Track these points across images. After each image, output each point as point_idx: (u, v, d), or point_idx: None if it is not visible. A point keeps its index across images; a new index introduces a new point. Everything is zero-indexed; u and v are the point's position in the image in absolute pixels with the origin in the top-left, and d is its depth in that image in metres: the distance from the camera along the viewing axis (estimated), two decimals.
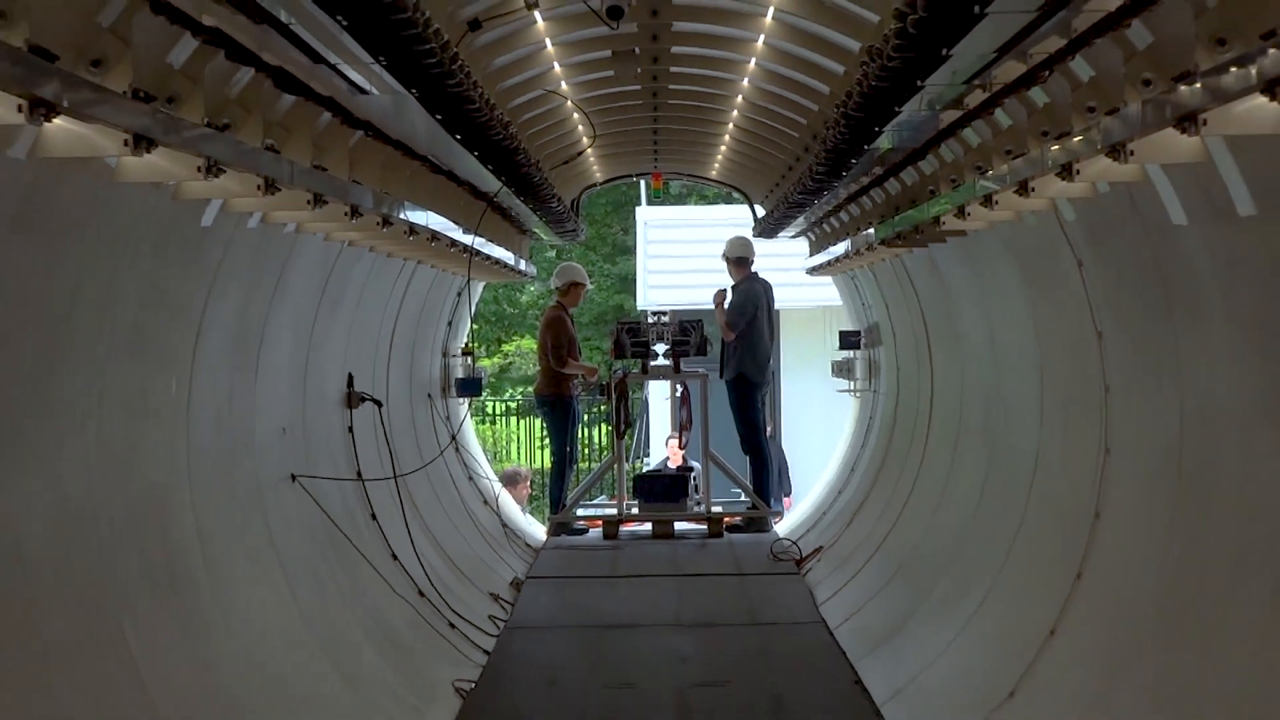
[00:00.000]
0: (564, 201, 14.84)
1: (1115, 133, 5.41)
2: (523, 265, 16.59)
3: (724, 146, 14.45)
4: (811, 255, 16.35)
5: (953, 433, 12.01)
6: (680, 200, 31.72)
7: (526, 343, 33.19)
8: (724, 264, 16.77)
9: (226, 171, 5.75)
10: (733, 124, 13.00)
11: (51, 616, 5.87)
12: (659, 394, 22.69)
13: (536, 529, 16.84)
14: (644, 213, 27.93)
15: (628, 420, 16.74)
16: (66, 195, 5.73)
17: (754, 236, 16.98)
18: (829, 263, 15.04)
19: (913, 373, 14.08)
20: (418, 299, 14.25)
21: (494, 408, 30.11)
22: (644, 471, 17.50)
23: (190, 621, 7.24)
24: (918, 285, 13.23)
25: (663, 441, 20.40)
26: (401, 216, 9.08)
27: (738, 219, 19.47)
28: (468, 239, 11.80)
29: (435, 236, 10.42)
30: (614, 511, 16.10)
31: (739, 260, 16.57)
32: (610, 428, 16.98)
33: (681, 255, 24.84)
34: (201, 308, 7.86)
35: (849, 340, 17.55)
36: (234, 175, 5.90)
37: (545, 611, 12.22)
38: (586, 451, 23.38)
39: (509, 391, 32.95)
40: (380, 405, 12.06)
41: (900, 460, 13.73)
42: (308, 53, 5.47)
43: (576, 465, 18.15)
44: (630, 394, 16.88)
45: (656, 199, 28.96)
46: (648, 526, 15.86)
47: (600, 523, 15.95)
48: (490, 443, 27.27)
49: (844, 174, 9.95)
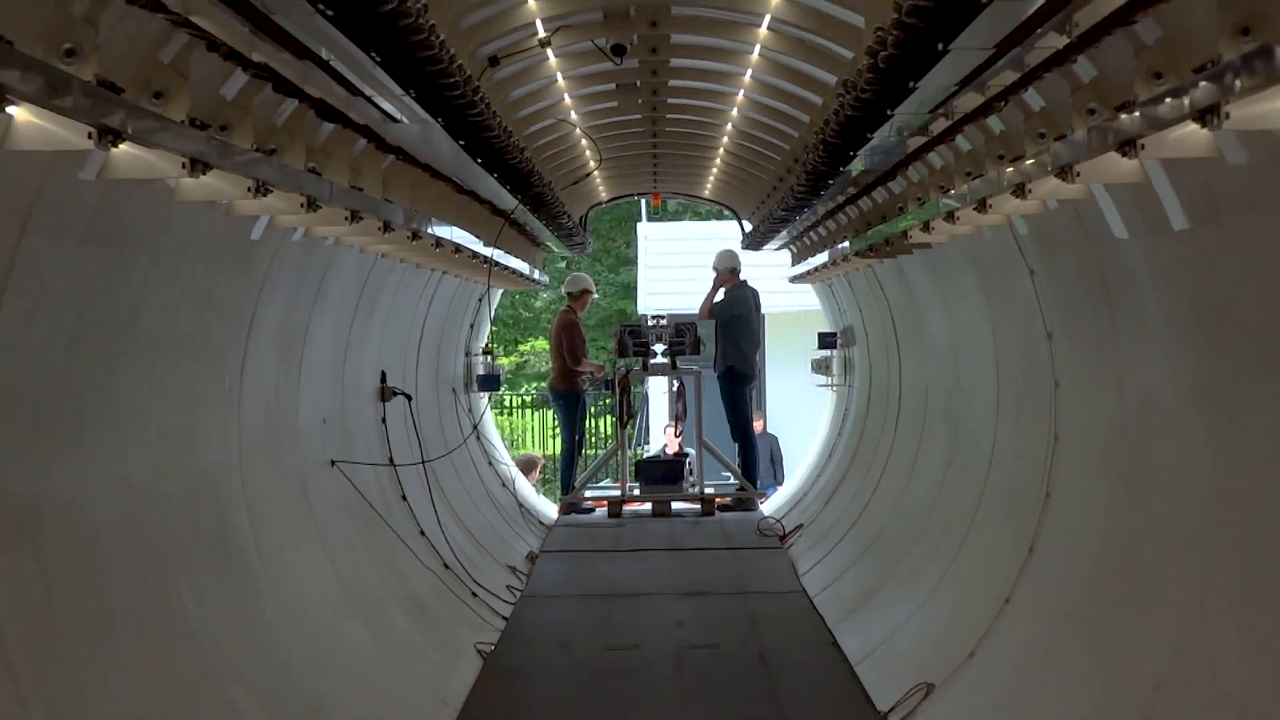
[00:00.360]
0: (573, 218, 14.85)
1: (1063, 156, 5.41)
2: (536, 274, 16.61)
3: (715, 168, 14.45)
4: (793, 265, 16.34)
5: (918, 423, 12.01)
6: (677, 216, 31.68)
7: (540, 343, 33.12)
8: (715, 274, 16.81)
9: (273, 191, 5.75)
10: (723, 148, 13.00)
11: (118, 583, 5.88)
12: (658, 388, 22.70)
13: (549, 508, 16.84)
14: (644, 228, 27.97)
15: (630, 411, 16.76)
16: (131, 212, 5.73)
17: (742, 249, 17.00)
18: (809, 272, 15.03)
19: (883, 369, 14.09)
20: (443, 304, 14.25)
21: (511, 401, 30.07)
22: (644, 457, 17.47)
23: (240, 588, 7.25)
24: (887, 292, 13.22)
25: (661, 430, 20.42)
26: (429, 231, 9.09)
27: (728, 233, 19.46)
28: (487, 251, 11.80)
29: (458, 249, 10.42)
30: (618, 493, 16.11)
31: (728, 270, 16.61)
32: (614, 418, 16.96)
33: (677, 265, 24.85)
34: (251, 311, 7.86)
35: (827, 341, 17.56)
36: (280, 194, 5.90)
37: (557, 582, 12.23)
38: (593, 440, 23.34)
39: (524, 386, 32.91)
40: (410, 399, 12.05)
41: (872, 447, 13.73)
42: (346, 86, 5.47)
43: (585, 452, 18.13)
44: (632, 388, 16.85)
45: (655, 215, 28.96)
46: (648, 506, 15.87)
47: (606, 503, 15.96)
48: (507, 432, 27.24)
49: (822, 193, 9.94)
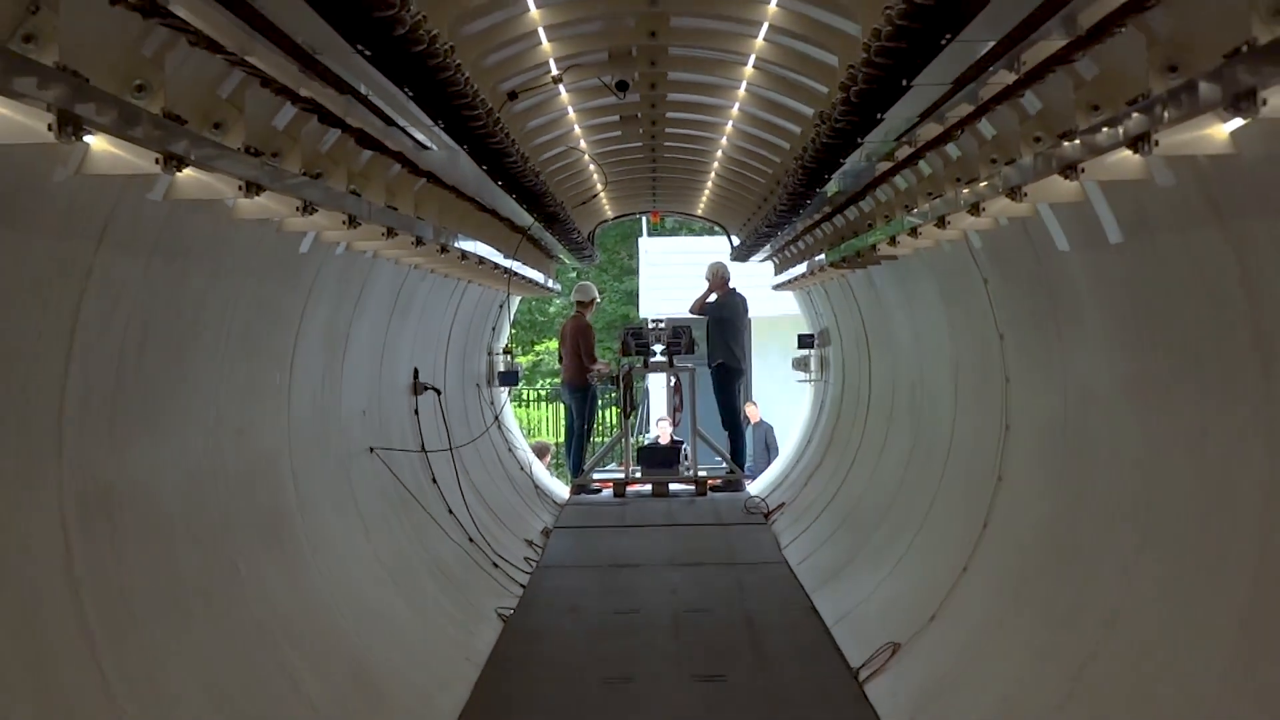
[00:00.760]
0: (582, 233, 14.86)
1: (1012, 179, 5.42)
2: (550, 283, 16.62)
3: (707, 189, 14.45)
4: (776, 275, 16.35)
5: (886, 414, 12.02)
6: (673, 232, 31.64)
7: (553, 344, 33.11)
8: (708, 282, 16.86)
9: (319, 210, 5.77)
10: (714, 171, 13.01)
11: (183, 556, 5.90)
12: (657, 383, 22.69)
13: (561, 489, 16.85)
14: (645, 242, 27.95)
15: (633, 404, 16.76)
16: (194, 229, 5.74)
17: (731, 260, 17.01)
18: (790, 281, 15.04)
19: (855, 367, 14.09)
20: (468, 309, 14.26)
21: (527, 394, 30.07)
22: (645, 444, 17.47)
23: (290, 560, 7.26)
24: (859, 298, 13.23)
25: (655, 422, 20.43)
26: (455, 245, 9.10)
27: (718, 247, 19.46)
28: (507, 263, 11.81)
29: (481, 261, 10.44)
30: (622, 475, 16.12)
31: (719, 279, 16.67)
32: (619, 410, 16.97)
33: (674, 275, 24.81)
34: (299, 316, 7.87)
35: (805, 341, 17.56)
36: (325, 213, 5.92)
37: (568, 553, 12.24)
38: (600, 429, 23.32)
39: (539, 382, 32.89)
40: (439, 393, 12.07)
41: (845, 436, 13.73)
42: (382, 117, 5.48)
43: (593, 439, 18.14)
44: (634, 383, 16.86)
45: (655, 231, 28.92)
46: (648, 487, 15.87)
47: (611, 484, 15.97)
48: (524, 422, 27.23)
49: (801, 211, 9.95)
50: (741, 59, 8.24)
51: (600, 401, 18.05)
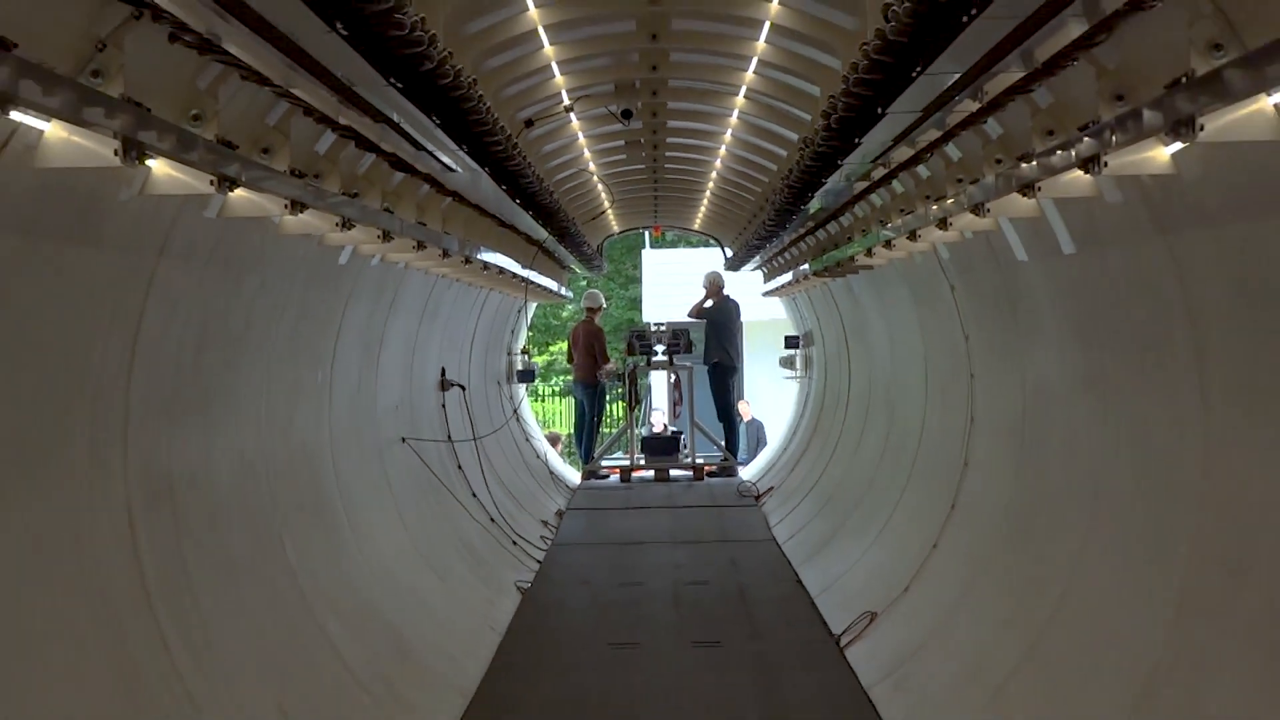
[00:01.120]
0: (591, 245, 14.87)
1: (976, 196, 5.42)
2: (563, 291, 16.62)
3: (703, 206, 14.46)
4: (765, 283, 16.35)
5: (864, 407, 12.02)
6: (673, 245, 31.59)
7: (566, 345, 33.08)
8: (703, 290, 16.88)
9: (356, 226, 5.78)
10: (709, 190, 13.01)
11: (235, 535, 5.91)
12: (659, 380, 22.68)
13: (573, 474, 16.86)
14: (648, 254, 27.95)
15: (637, 398, 16.78)
16: (245, 242, 5.76)
17: (725, 270, 17.01)
18: (778, 288, 15.04)
19: (836, 365, 14.09)
20: (490, 314, 14.27)
21: (542, 390, 30.05)
22: (648, 434, 17.48)
23: (331, 539, 7.27)
24: (839, 303, 13.23)
25: (656, 415, 20.42)
26: (478, 257, 9.11)
27: (714, 258, 19.46)
28: (524, 272, 11.82)
29: (501, 271, 10.44)
30: (628, 462, 16.12)
31: (715, 286, 16.68)
32: (625, 404, 16.98)
33: (674, 284, 24.80)
34: (339, 320, 7.88)
35: (791, 342, 17.56)
36: (361, 229, 5.92)
37: (580, 532, 12.25)
38: (608, 421, 23.32)
39: (553, 379, 32.87)
40: (464, 389, 12.08)
41: (827, 427, 13.74)
42: (412, 143, 5.49)
43: (601, 430, 18.15)
44: (639, 380, 16.87)
45: (656, 244, 28.90)
46: (651, 473, 15.88)
47: (618, 470, 15.98)
48: (540, 415, 27.21)
49: (788, 226, 9.95)
50: (734, 90, 8.25)
51: (608, 396, 18.05)
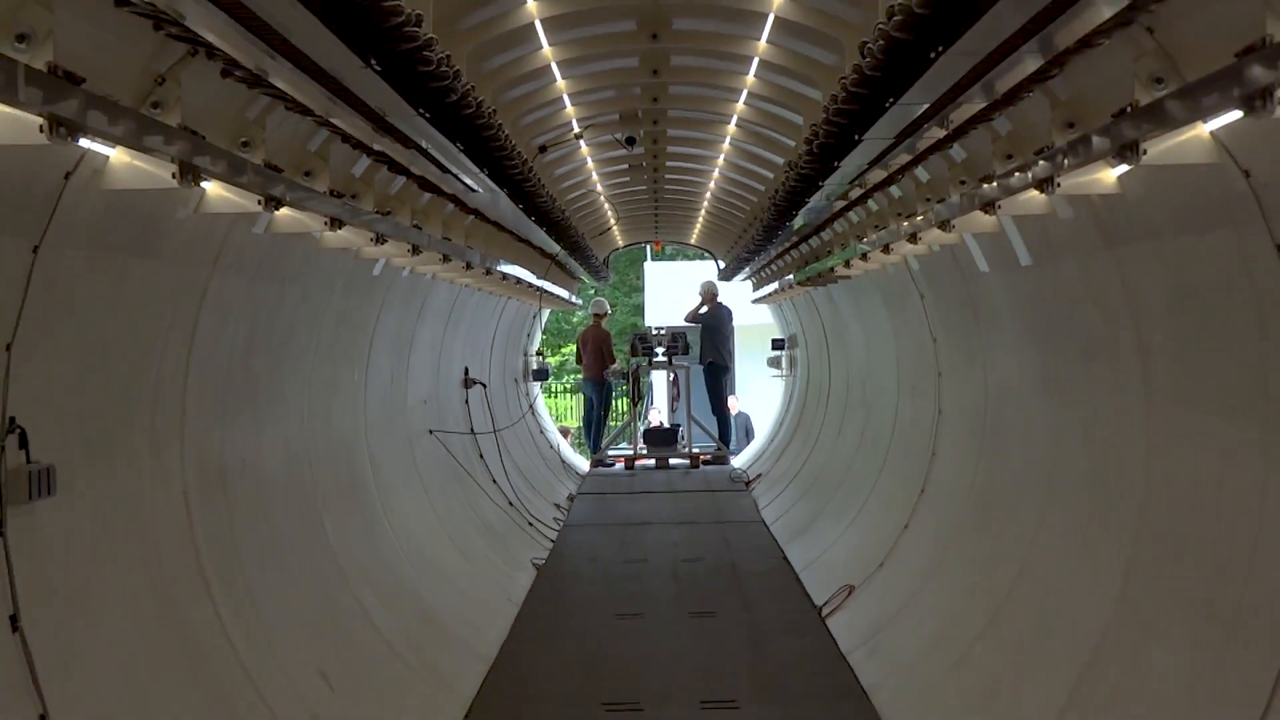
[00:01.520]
0: (599, 258, 14.87)
1: (942, 214, 5.42)
2: (573, 298, 16.65)
3: (699, 223, 14.47)
4: (754, 291, 16.35)
5: (842, 402, 12.02)
6: (672, 257, 31.57)
7: (576, 347, 33.04)
8: (699, 297, 16.87)
9: (389, 241, 5.79)
10: (704, 209, 13.02)
11: (281, 517, 5.92)
12: (659, 379, 22.68)
13: (582, 463, 16.87)
14: (649, 265, 27.90)
15: (639, 395, 16.77)
16: (289, 255, 5.76)
17: (718, 280, 17.01)
18: (765, 296, 15.04)
19: (818, 364, 14.09)
20: (508, 319, 14.28)
21: (555, 388, 30.04)
22: (650, 427, 17.47)
23: (366, 521, 7.28)
24: (820, 310, 13.23)
25: (652, 411, 20.43)
26: (497, 269, 9.11)
27: (709, 269, 19.45)
28: (539, 282, 11.83)
29: (518, 280, 10.45)
30: (631, 452, 16.11)
31: (709, 294, 16.68)
32: (629, 399, 16.97)
33: (673, 292, 24.77)
34: (373, 326, 7.89)
35: (778, 344, 17.55)
36: (393, 243, 5.94)
37: (588, 514, 12.24)
38: (614, 415, 23.33)
39: (565, 377, 32.87)
40: (485, 386, 12.08)
41: (810, 420, 13.74)
42: (439, 166, 5.50)
43: (607, 423, 18.15)
44: (641, 378, 16.87)
45: (657, 257, 28.89)
46: (653, 461, 15.87)
47: (623, 459, 15.96)
48: (552, 410, 27.20)
49: (774, 240, 9.95)
50: (726, 119, 8.26)
51: (614, 393, 18.05)
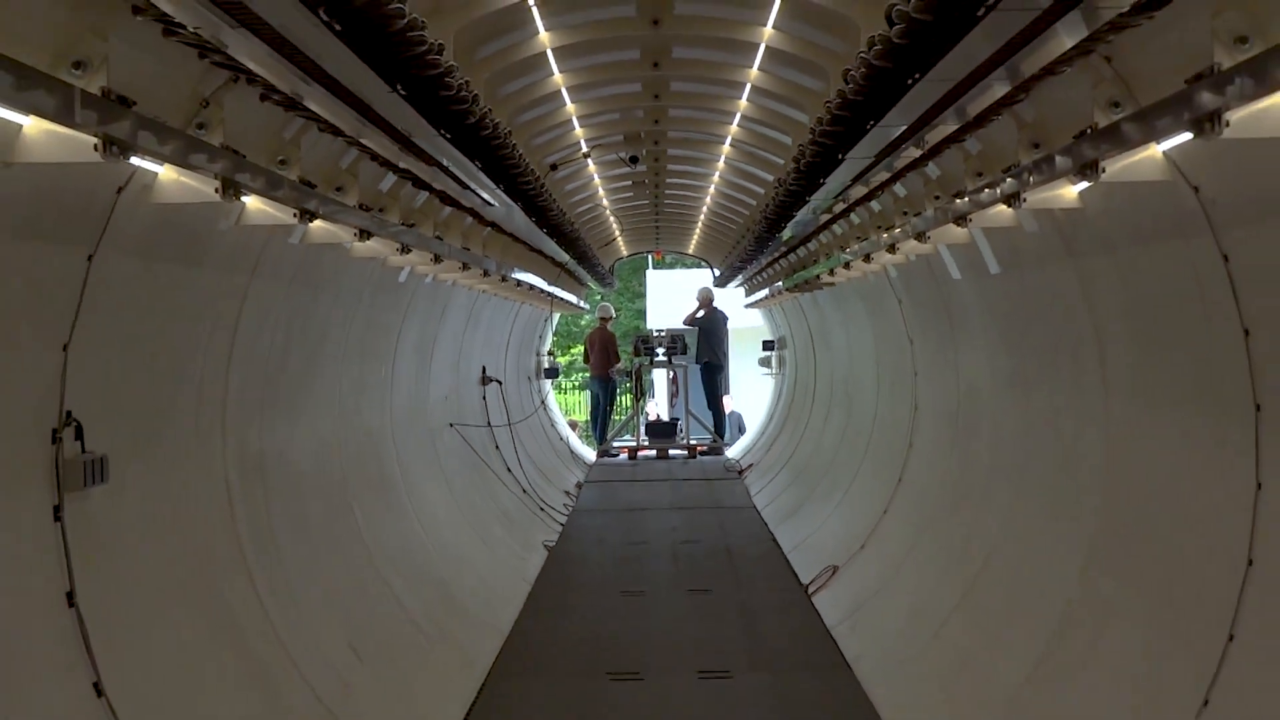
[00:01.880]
0: (605, 266, 14.85)
1: (919, 226, 5.42)
2: (582, 303, 16.63)
3: (696, 234, 14.45)
4: (747, 297, 16.35)
5: (826, 399, 12.01)
6: (672, 266, 31.58)
7: (584, 347, 32.99)
8: (696, 302, 16.88)
9: (413, 250, 5.79)
10: (701, 222, 13.00)
11: (314, 505, 5.92)
12: (660, 377, 22.68)
13: (589, 453, 16.87)
14: (651, 273, 27.95)
15: (642, 391, 16.77)
16: (321, 264, 5.77)
17: (714, 286, 17.01)
18: (757, 301, 15.03)
19: (805, 364, 14.08)
20: (522, 322, 14.29)
21: (564, 385, 30.01)
22: (651, 420, 17.47)
23: (392, 507, 7.28)
24: (807, 314, 13.22)
25: (650, 407, 20.44)
26: (512, 276, 9.11)
27: (705, 277, 19.45)
28: (550, 289, 11.83)
29: (531, 287, 10.45)
30: (634, 443, 16.12)
31: (706, 299, 16.69)
32: (632, 396, 16.98)
33: (672, 297, 24.78)
34: (398, 328, 7.89)
35: (768, 345, 17.53)
36: (417, 253, 5.94)
37: (595, 500, 12.25)
38: (618, 410, 23.30)
39: (573, 375, 32.86)
40: (500, 384, 12.08)
41: (797, 415, 13.73)
42: (458, 182, 5.50)
43: (612, 417, 18.15)
44: (643, 376, 16.87)
45: (658, 265, 28.91)
46: (654, 452, 15.86)
47: (627, 450, 15.96)
48: (562, 405, 27.17)
49: (765, 250, 9.95)
50: (721, 139, 8.25)
51: (619, 390, 18.04)
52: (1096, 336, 4.72)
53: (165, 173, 3.56)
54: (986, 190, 4.40)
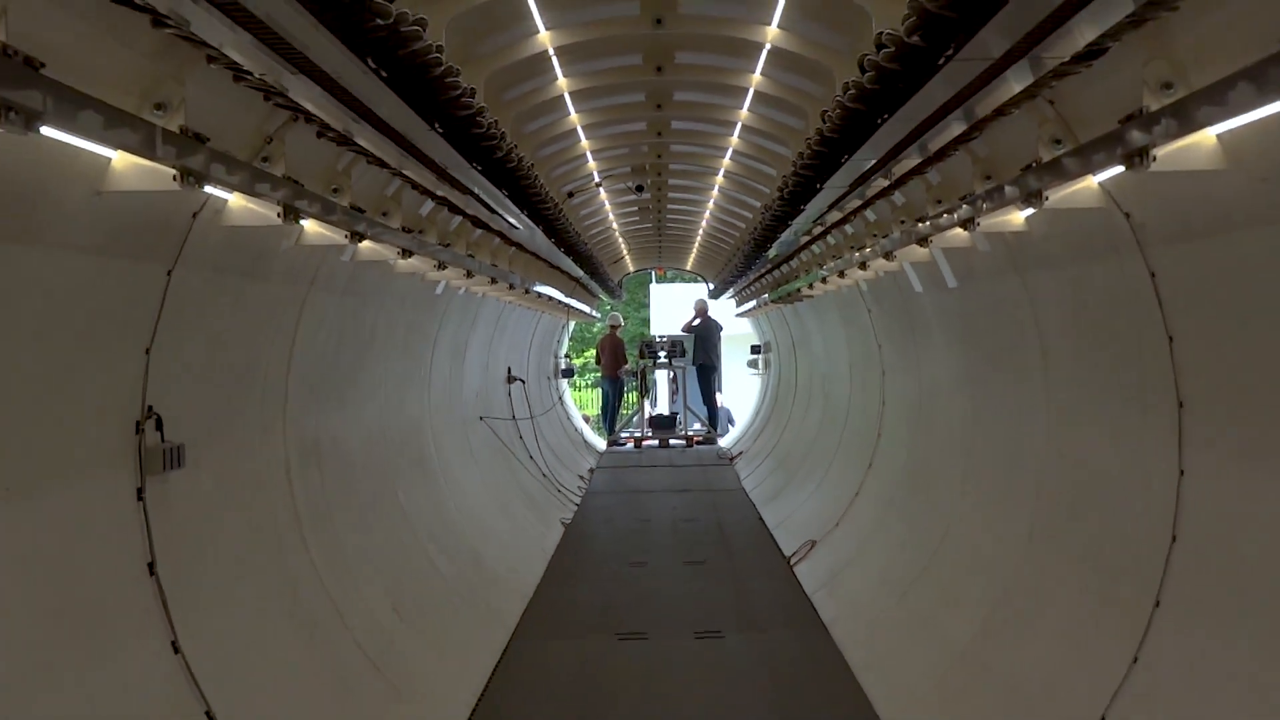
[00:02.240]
0: (614, 280, 14.84)
1: (887, 246, 5.41)
2: (594, 313, 16.62)
3: (694, 253, 14.43)
4: (737, 308, 16.31)
5: (806, 395, 11.98)
6: (672, 281, 31.54)
7: (596, 351, 32.94)
8: (693, 312, 16.85)
9: (448, 267, 5.79)
10: (698, 242, 12.98)
11: (362, 485, 5.92)
12: (662, 377, 22.64)
13: (600, 443, 16.85)
14: (654, 287, 27.92)
15: (646, 389, 16.76)
16: (369, 278, 5.76)
17: (709, 298, 16.98)
18: (747, 311, 15.01)
19: (787, 365, 14.05)
20: (542, 329, 14.28)
21: (579, 383, 29.97)
22: (653, 414, 17.45)
23: (431, 489, 7.27)
24: (790, 322, 13.20)
25: (650, 404, 20.41)
26: (534, 289, 9.11)
27: (701, 290, 19.41)
28: (567, 300, 11.82)
29: (550, 298, 10.43)
30: (640, 434, 16.09)
31: (701, 309, 16.67)
32: (638, 393, 16.96)
33: (673, 308, 24.77)
34: (435, 333, 7.89)
35: (756, 349, 17.50)
36: (452, 269, 5.94)
37: (605, 484, 12.23)
38: (626, 405, 23.27)
39: (587, 375, 32.82)
40: (524, 382, 12.07)
41: (781, 408, 13.71)
42: (488, 208, 5.50)
43: (620, 411, 18.13)
44: (648, 376, 16.86)
45: (660, 281, 28.88)
46: (657, 441, 15.84)
47: (633, 440, 15.94)
48: (577, 401, 27.13)
49: (753, 267, 9.93)
50: (715, 171, 8.24)
51: (626, 388, 18.02)
52: (1040, 342, 4.71)
53: (234, 200, 3.57)
54: (945, 215, 4.39)
